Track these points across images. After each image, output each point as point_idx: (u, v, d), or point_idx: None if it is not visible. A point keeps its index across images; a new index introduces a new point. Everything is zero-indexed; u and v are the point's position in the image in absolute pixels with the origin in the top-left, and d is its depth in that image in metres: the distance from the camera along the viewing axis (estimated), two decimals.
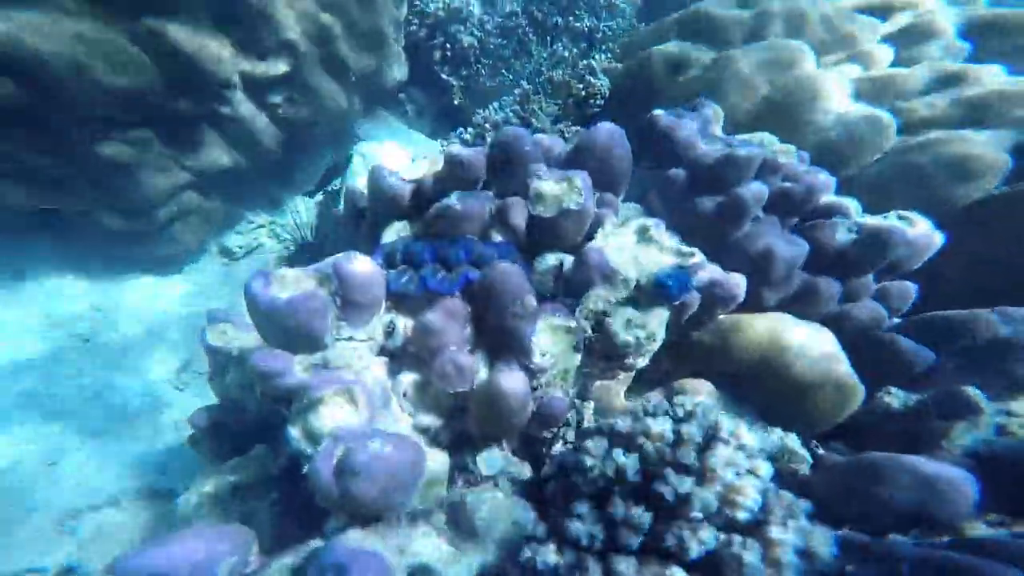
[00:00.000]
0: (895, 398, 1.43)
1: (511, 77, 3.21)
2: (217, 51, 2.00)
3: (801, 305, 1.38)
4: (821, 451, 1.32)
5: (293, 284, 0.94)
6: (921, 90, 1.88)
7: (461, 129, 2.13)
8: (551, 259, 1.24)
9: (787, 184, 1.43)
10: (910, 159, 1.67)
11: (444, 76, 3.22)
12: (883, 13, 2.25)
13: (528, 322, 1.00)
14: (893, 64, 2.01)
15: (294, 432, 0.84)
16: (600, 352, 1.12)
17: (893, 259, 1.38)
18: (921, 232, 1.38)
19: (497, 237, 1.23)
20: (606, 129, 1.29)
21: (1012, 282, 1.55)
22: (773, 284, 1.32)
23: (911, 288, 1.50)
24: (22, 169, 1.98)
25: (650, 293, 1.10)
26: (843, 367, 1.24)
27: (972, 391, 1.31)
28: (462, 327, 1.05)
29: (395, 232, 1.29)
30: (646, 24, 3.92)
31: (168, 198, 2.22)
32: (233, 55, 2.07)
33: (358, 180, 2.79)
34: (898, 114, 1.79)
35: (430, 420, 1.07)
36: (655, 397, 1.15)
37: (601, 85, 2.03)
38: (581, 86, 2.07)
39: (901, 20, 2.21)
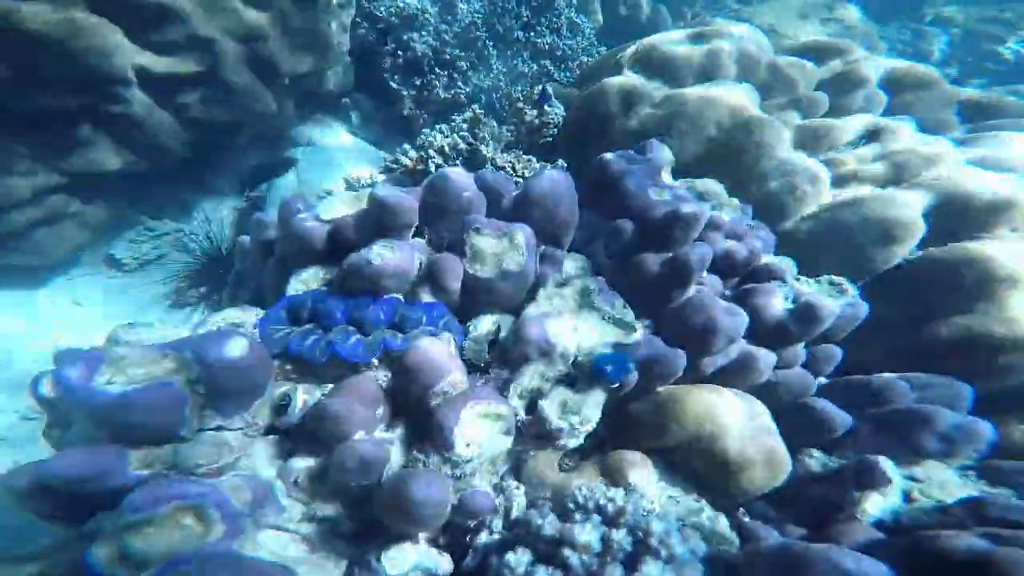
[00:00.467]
0: (816, 460, 1.47)
1: (467, 90, 3.05)
2: (103, 42, 1.68)
3: (739, 374, 1.37)
4: (747, 519, 1.32)
5: (139, 368, 0.74)
6: (851, 141, 1.96)
7: (407, 146, 1.96)
8: (487, 323, 1.12)
9: (730, 244, 1.41)
10: (840, 217, 1.73)
11: (394, 85, 3.00)
12: (818, 57, 2.34)
13: (452, 410, 0.88)
14: (828, 112, 2.09)
15: (100, 554, 0.64)
16: (532, 433, 1.03)
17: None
18: (848, 304, 1.42)
19: (426, 296, 1.09)
20: (552, 179, 1.19)
21: (916, 347, 1.65)
22: (712, 354, 1.29)
23: (837, 352, 1.55)
24: None
25: (588, 374, 1.02)
26: (773, 441, 1.23)
27: (884, 462, 1.36)
28: (372, 408, 0.91)
29: (304, 281, 1.12)
30: (607, 45, 3.93)
31: (25, 201, 1.86)
32: (127, 48, 1.76)
33: (280, 197, 2.52)
34: (830, 165, 1.85)
35: (329, 509, 0.92)
36: (587, 482, 1.07)
37: (555, 115, 1.94)
38: (534, 113, 1.97)
39: (834, 66, 2.30)
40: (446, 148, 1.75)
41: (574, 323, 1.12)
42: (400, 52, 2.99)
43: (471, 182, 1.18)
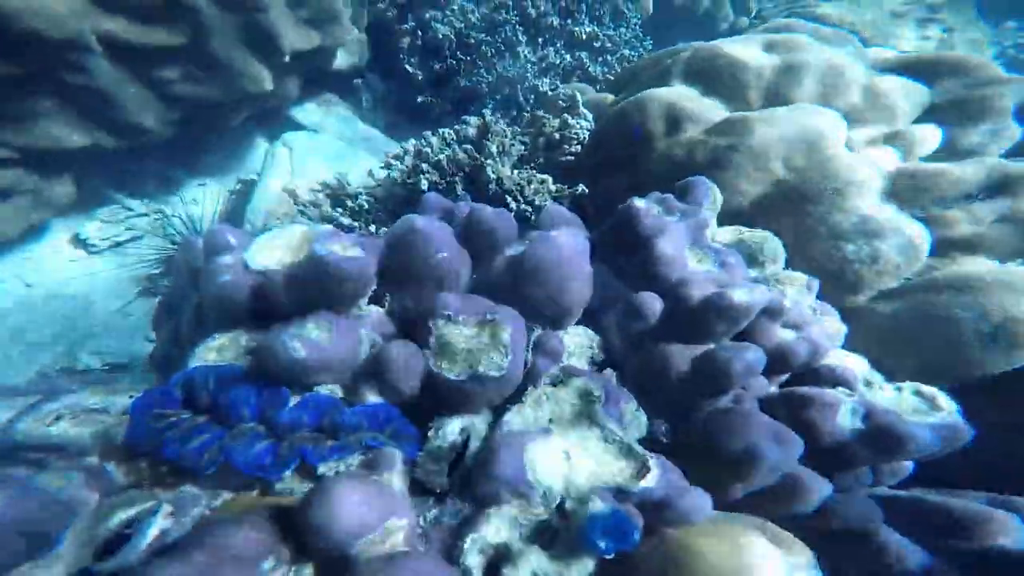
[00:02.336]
0: None
1: (490, 79, 2.70)
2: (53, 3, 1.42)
3: (778, 502, 1.05)
4: None
5: None
6: (967, 194, 1.49)
7: (407, 147, 1.66)
8: (452, 430, 0.84)
9: (787, 338, 1.08)
10: (940, 302, 1.33)
11: (410, 68, 2.67)
12: (930, 75, 1.83)
13: None
14: (938, 151, 1.63)
15: None
16: None
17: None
18: (943, 424, 1.07)
19: (372, 395, 0.81)
20: (562, 249, 0.89)
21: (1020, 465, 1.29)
22: (746, 481, 0.98)
23: (906, 467, 1.21)
24: None
25: (577, 535, 0.73)
26: None
27: None
28: (252, 565, 0.65)
29: (217, 350, 0.85)
30: (654, 39, 3.46)
31: None
32: (80, 10, 1.50)
33: (269, 184, 2.27)
34: (933, 225, 1.42)
35: None
36: None
37: (579, 128, 1.60)
38: (556, 124, 1.63)
39: (951, 87, 1.79)
40: (444, 162, 1.44)
41: (566, 445, 0.83)
42: (420, 32, 2.66)
43: (448, 238, 0.88)
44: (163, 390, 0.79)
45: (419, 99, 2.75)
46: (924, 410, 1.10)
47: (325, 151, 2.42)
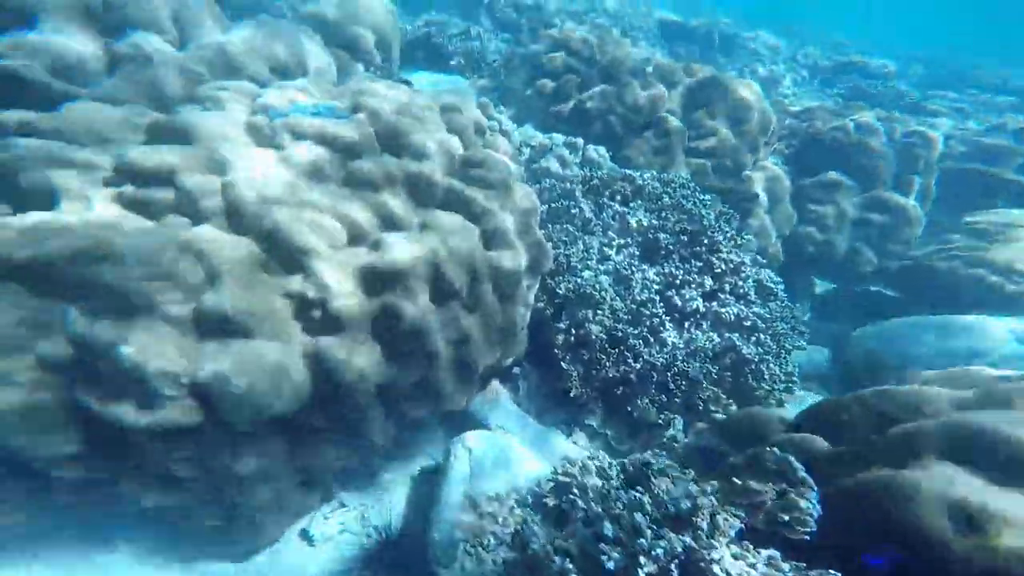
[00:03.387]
0: None
1: (638, 367, 2.79)
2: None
3: None
4: None
5: None
6: None
7: (555, 471, 1.55)
8: None
9: None
10: None
11: (564, 365, 2.91)
12: None
13: None
14: None
15: None
16: None
17: None
18: None
19: None
20: None
21: None
22: None
23: None
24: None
25: None
26: None
27: None
28: None
29: None
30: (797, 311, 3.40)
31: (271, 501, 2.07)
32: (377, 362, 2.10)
33: (452, 488, 2.38)
34: None
35: None
36: None
37: (809, 510, 1.40)
38: (771, 491, 1.45)
39: None
40: (662, 554, 1.28)
41: None
42: (573, 330, 2.97)
43: None
44: None
45: (572, 393, 2.87)
46: None
47: (496, 450, 2.53)
